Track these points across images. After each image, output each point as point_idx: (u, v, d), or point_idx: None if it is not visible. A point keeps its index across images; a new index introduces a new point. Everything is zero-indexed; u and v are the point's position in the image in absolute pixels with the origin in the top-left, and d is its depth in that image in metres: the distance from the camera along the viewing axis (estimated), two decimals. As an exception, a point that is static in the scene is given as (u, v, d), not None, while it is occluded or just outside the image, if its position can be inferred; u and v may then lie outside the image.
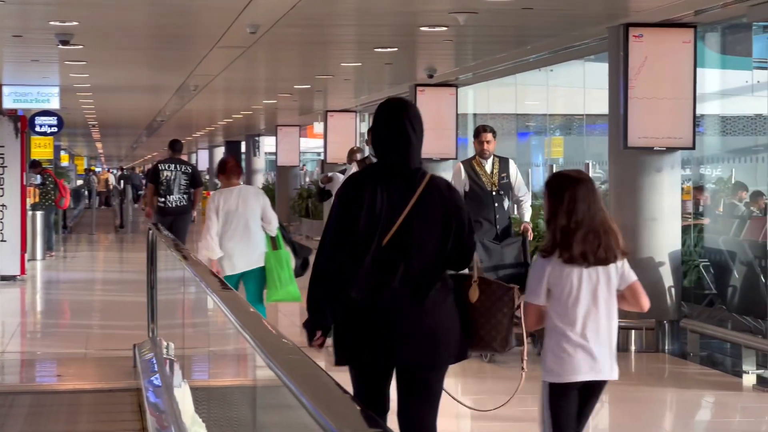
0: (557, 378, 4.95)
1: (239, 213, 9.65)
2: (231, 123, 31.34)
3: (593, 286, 4.92)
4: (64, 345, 11.52)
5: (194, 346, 10.25)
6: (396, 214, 4.80)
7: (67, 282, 17.66)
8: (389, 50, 13.25)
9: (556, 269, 4.93)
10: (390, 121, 4.93)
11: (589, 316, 4.91)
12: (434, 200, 4.83)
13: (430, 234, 4.84)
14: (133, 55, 14.26)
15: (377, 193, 4.80)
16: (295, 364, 2.94)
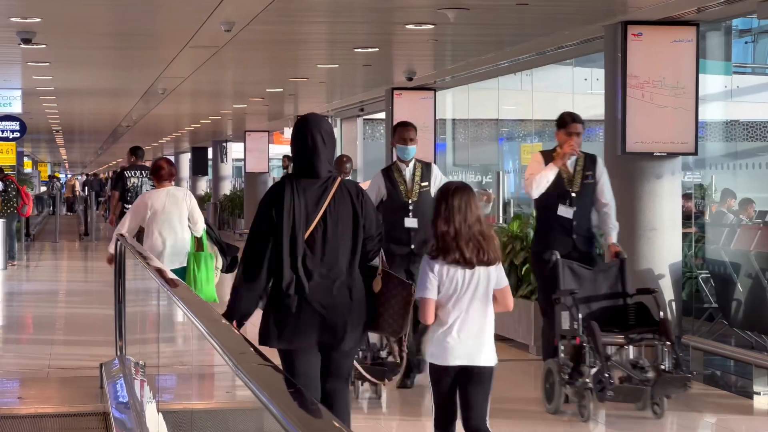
0: (437, 360, 5.67)
1: (167, 213, 10.10)
2: (198, 128, 30.63)
3: (475, 284, 5.60)
4: (25, 363, 10.83)
5: (167, 364, 9.64)
6: (313, 214, 5.53)
7: (30, 293, 16.90)
8: (369, 50, 12.63)
9: (444, 268, 5.61)
10: (304, 134, 5.60)
11: (467, 310, 5.59)
12: (345, 201, 5.57)
13: (343, 230, 5.57)
14: (99, 56, 13.55)
15: (295, 196, 5.52)
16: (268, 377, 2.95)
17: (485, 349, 5.62)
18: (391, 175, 9.04)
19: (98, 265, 22.47)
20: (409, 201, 8.98)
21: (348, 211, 5.58)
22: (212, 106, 22.67)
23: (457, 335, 5.60)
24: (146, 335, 11.16)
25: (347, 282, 5.57)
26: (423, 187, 9.00)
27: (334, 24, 11.02)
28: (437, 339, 5.64)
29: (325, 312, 5.52)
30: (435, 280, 5.60)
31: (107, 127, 31.08)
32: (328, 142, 5.60)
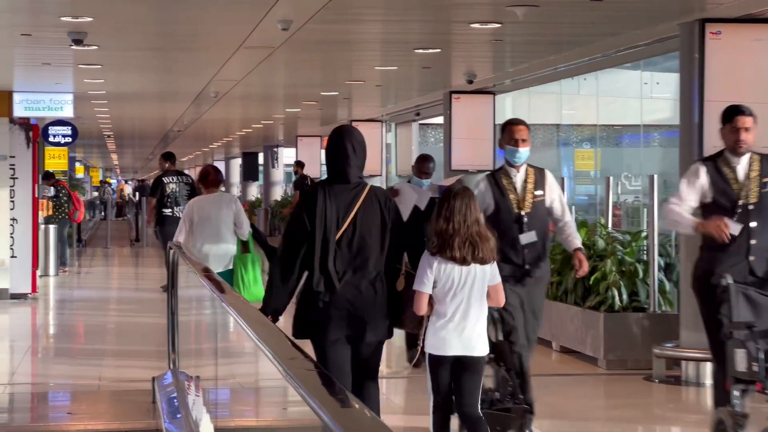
0: (434, 351, 6.17)
1: (213, 218, 10.49)
2: (249, 133, 30.29)
3: (471, 281, 6.07)
4: (76, 374, 10.49)
5: (222, 377, 9.26)
6: (343, 218, 5.98)
7: (81, 301, 16.59)
8: (430, 51, 12.17)
9: (441, 265, 6.06)
10: (337, 144, 6.11)
11: (462, 305, 6.07)
12: (374, 206, 6.01)
13: (370, 233, 6.01)
14: (150, 58, 13.18)
15: (327, 201, 5.98)
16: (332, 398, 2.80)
17: (478, 341, 6.17)
18: (500, 181, 7.55)
19: (149, 271, 22.22)
20: (522, 213, 7.49)
21: (376, 215, 6.04)
22: (264, 110, 22.29)
23: (454, 327, 6.11)
24: (200, 346, 10.79)
25: (374, 281, 6.06)
26: (537, 197, 7.54)
27: (394, 23, 10.57)
28: (435, 331, 6.15)
29: (353, 308, 6.01)
30: (431, 275, 6.08)
31: (158, 132, 30.81)
32: (359, 151, 6.09)
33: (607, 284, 10.80)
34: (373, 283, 6.04)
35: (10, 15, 10.11)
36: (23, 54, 12.69)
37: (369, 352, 6.12)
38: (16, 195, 16.51)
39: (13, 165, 16.44)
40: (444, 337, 6.12)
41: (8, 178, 16.40)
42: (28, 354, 11.94)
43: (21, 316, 15.43)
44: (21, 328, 14.70)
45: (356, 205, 5.99)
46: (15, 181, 16.49)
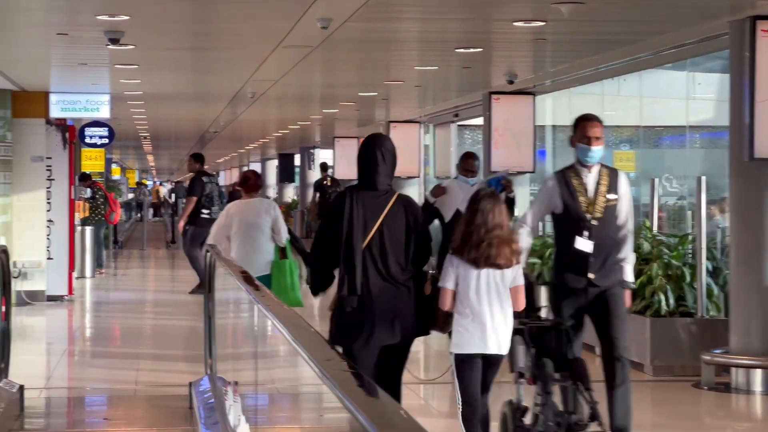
0: (458, 349, 6.34)
1: (252, 224, 10.56)
2: (286, 134, 30.14)
3: (488, 282, 6.24)
4: (113, 378, 10.35)
5: (259, 382, 9.09)
6: (371, 225, 6.13)
7: (117, 303, 16.47)
8: (472, 51, 11.95)
9: (462, 264, 6.28)
10: (367, 151, 6.28)
11: (483, 305, 6.24)
12: (400, 213, 6.17)
13: (398, 239, 6.17)
14: (187, 57, 13.03)
15: (354, 207, 6.13)
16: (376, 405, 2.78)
17: (499, 340, 6.30)
18: (569, 181, 7.01)
19: (185, 273, 22.08)
20: (589, 217, 6.93)
21: (402, 222, 6.19)
22: (301, 110, 22.12)
23: (475, 327, 6.28)
24: (238, 350, 10.63)
25: (400, 285, 6.21)
26: (609, 201, 6.98)
27: (435, 21, 10.35)
28: (458, 330, 6.34)
29: (380, 312, 6.15)
30: (453, 273, 6.30)
31: (194, 133, 30.72)
32: (388, 159, 6.26)
33: (654, 288, 10.55)
34: (400, 287, 6.22)
35: (47, 14, 9.98)
36: (60, 54, 12.56)
37: (395, 355, 6.29)
38: (53, 196, 16.41)
39: (50, 166, 16.34)
40: (465, 335, 6.33)
41: (45, 180, 16.29)
42: (64, 357, 11.82)
43: (57, 318, 15.31)
44: (57, 330, 14.58)
45: (384, 212, 6.17)
46: (51, 183, 16.40)
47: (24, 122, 16.16)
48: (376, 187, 6.22)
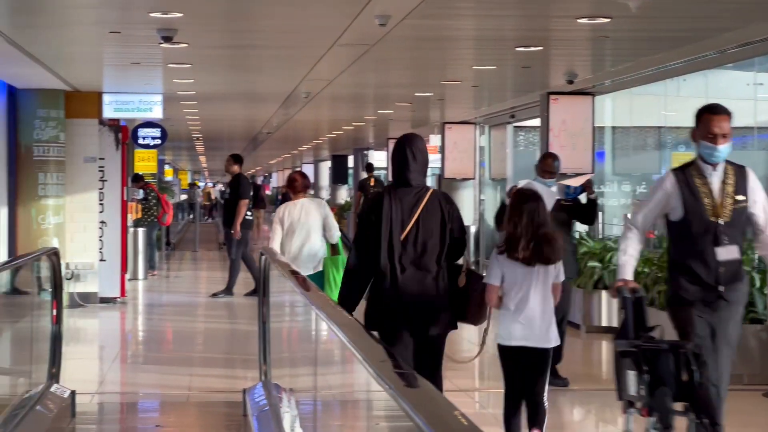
0: (501, 341, 6.68)
1: (302, 223, 10.99)
2: (340, 135, 29.92)
3: (533, 278, 6.57)
4: (165, 383, 10.14)
5: (317, 390, 8.84)
6: (408, 220, 6.44)
7: (169, 305, 16.30)
8: (532, 49, 11.63)
9: (508, 262, 6.57)
10: (400, 151, 6.59)
11: (527, 300, 6.57)
12: (435, 208, 6.47)
13: (432, 233, 6.44)
14: (240, 56, 12.79)
15: (392, 203, 6.45)
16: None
17: (544, 333, 6.61)
18: (690, 181, 6.28)
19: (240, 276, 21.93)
20: (718, 221, 6.19)
21: (437, 217, 6.48)
22: (356, 111, 21.86)
23: (519, 320, 6.60)
24: (294, 355, 10.39)
25: (435, 277, 6.47)
26: (738, 202, 6.23)
27: (495, 19, 10.04)
28: (502, 322, 6.69)
29: (416, 302, 6.42)
30: (499, 271, 6.62)
31: (246, 134, 30.59)
32: (419, 157, 6.56)
33: (721, 294, 10.17)
34: (435, 279, 6.49)
35: (100, 11, 9.78)
36: (112, 53, 12.38)
37: (431, 343, 6.53)
38: (106, 198, 16.27)
39: (102, 167, 16.20)
40: (509, 328, 6.65)
41: (97, 181, 16.16)
42: (116, 361, 11.63)
43: (110, 321, 15.16)
44: (109, 333, 14.43)
45: (419, 208, 6.49)
46: (104, 184, 16.26)
47: (77, 123, 16.03)
48: (410, 184, 6.55)
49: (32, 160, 15.52)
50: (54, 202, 15.62)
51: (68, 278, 15.78)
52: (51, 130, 15.58)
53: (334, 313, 4.80)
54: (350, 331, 4.11)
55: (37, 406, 7.86)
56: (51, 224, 15.59)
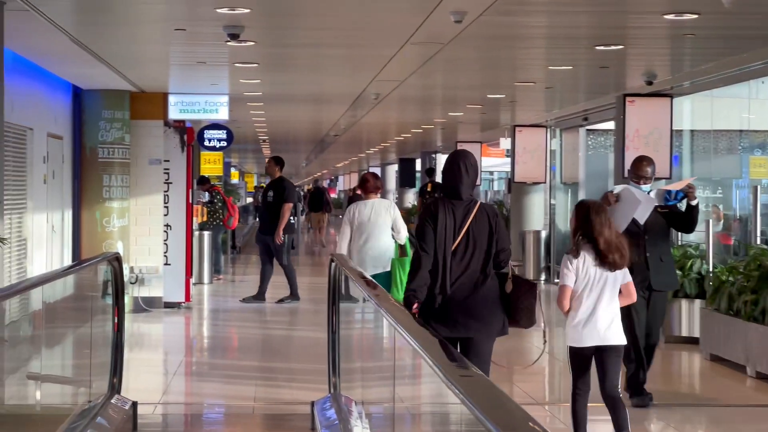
0: (574, 343, 7.06)
1: (371, 223, 11.39)
2: (408, 138, 29.50)
3: (603, 280, 6.98)
4: (230, 393, 9.80)
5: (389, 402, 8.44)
6: (459, 230, 6.82)
7: (235, 311, 15.96)
8: (612, 48, 11.15)
9: (582, 264, 6.97)
10: (452, 165, 6.98)
11: (598, 301, 6.96)
12: (483, 220, 6.84)
13: (480, 243, 6.82)
14: (309, 55, 12.39)
15: (445, 215, 6.85)
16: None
17: (614, 331, 7.07)
18: None
19: (305, 281, 21.61)
20: None
21: (485, 228, 6.86)
22: (425, 113, 21.43)
23: (589, 322, 7.02)
24: (365, 365, 10.00)
25: (483, 284, 6.87)
26: None
27: (575, 15, 9.56)
28: (574, 326, 7.07)
29: (465, 307, 6.83)
30: (572, 274, 7.04)
31: (313, 137, 30.28)
32: (470, 172, 6.95)
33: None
34: (483, 286, 6.88)
35: (165, 7, 9.46)
36: (178, 52, 12.07)
37: (480, 347, 6.89)
38: (171, 201, 16.00)
39: (167, 169, 15.92)
40: (581, 331, 7.05)
41: (162, 183, 15.88)
42: (180, 368, 11.28)
43: (174, 327, 14.88)
44: (174, 339, 14.13)
45: (469, 219, 6.87)
46: (170, 186, 15.98)
47: (142, 124, 15.78)
48: (460, 197, 6.94)
49: (97, 162, 15.28)
50: (118, 204, 15.37)
51: (132, 282, 15.53)
52: (116, 132, 15.33)
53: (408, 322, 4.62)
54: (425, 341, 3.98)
55: (98, 417, 7.53)
56: (115, 227, 15.34)
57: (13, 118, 12.21)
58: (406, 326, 4.57)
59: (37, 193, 13.33)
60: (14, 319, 9.35)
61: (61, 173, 14.70)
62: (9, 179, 12.16)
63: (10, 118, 12.06)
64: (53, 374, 8.21)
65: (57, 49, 11.71)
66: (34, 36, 10.81)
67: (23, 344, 8.73)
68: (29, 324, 8.91)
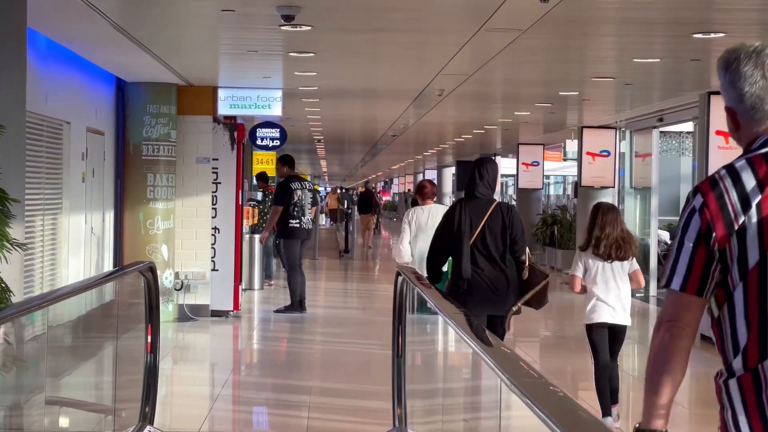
0: (588, 321, 8.38)
1: (429, 227, 11.81)
2: (468, 140, 28.31)
3: (611, 270, 8.29)
4: (280, 421, 8.71)
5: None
6: (476, 226, 8.06)
7: (285, 321, 14.85)
8: (712, 36, 9.93)
9: (590, 258, 8.30)
10: (471, 171, 8.27)
11: (606, 287, 8.27)
12: (498, 216, 8.09)
13: (496, 237, 8.07)
14: (369, 42, 11.24)
15: (463, 213, 8.09)
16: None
17: (622, 313, 8.25)
18: None
19: (360, 288, 20.57)
20: None
21: (499, 223, 8.00)
22: (489, 112, 20.22)
23: (601, 303, 8.22)
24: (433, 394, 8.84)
25: (500, 271, 7.99)
26: None
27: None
28: (588, 306, 8.29)
29: (485, 291, 7.92)
30: (582, 265, 8.29)
31: (370, 137, 29.17)
32: (485, 176, 8.10)
33: None
34: (500, 272, 8.03)
35: (210, -16, 8.38)
36: (227, 38, 10.97)
37: (497, 322, 8.00)
38: (219, 202, 14.93)
39: (216, 168, 14.86)
40: (595, 310, 8.28)
41: (210, 183, 14.82)
42: (225, 390, 10.11)
43: (221, 339, 13.81)
44: (220, 352, 13.06)
45: (485, 216, 8.03)
46: (218, 187, 14.91)
47: (189, 120, 14.73)
48: (476, 197, 8.14)
49: (141, 160, 14.24)
50: (163, 205, 14.33)
51: (177, 289, 14.50)
52: (162, 128, 14.29)
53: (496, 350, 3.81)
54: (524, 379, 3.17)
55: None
56: (160, 230, 14.30)
57: (47, 110, 11.18)
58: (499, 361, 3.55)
59: (74, 192, 12.29)
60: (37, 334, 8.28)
61: (102, 171, 13.67)
62: (41, 177, 11.13)
63: (43, 110, 11.03)
64: (76, 399, 7.14)
65: (96, 35, 10.68)
66: (69, 19, 9.78)
67: (45, 363, 7.66)
68: (50, 340, 7.84)
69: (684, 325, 3.13)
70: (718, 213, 3.10)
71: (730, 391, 3.09)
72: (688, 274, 3.13)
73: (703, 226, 3.11)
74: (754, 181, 3.10)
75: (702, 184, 3.15)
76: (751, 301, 3.07)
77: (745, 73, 3.20)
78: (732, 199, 3.10)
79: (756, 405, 3.05)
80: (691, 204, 3.15)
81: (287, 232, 15.28)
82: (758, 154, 3.16)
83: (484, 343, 4.10)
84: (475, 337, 4.13)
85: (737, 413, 3.07)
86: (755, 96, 3.20)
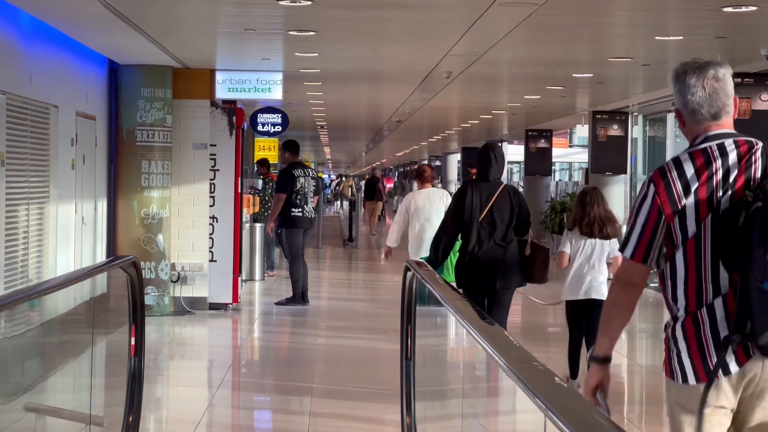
0: (566, 296, 9.07)
1: (426, 210, 12.61)
2: (474, 125, 27.63)
3: (593, 248, 8.93)
4: (280, 426, 8.07)
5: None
6: (485, 205, 8.62)
7: (287, 314, 14.20)
8: (744, 10, 9.25)
9: (576, 236, 8.97)
10: (484, 155, 8.84)
11: (586, 264, 8.91)
12: (505, 198, 8.67)
13: (503, 216, 8.64)
14: (375, 20, 10.59)
15: (474, 193, 8.67)
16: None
17: (598, 289, 8.90)
18: None
19: (365, 278, 19.98)
20: None
21: (507, 204, 8.66)
22: (498, 95, 19.54)
23: (579, 280, 8.92)
24: (445, 401, 8.19)
25: (505, 247, 8.62)
26: None
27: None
28: (567, 282, 9.02)
29: (490, 265, 8.56)
30: (568, 242, 8.98)
31: (375, 123, 28.51)
32: (500, 160, 8.81)
33: None
34: (505, 249, 8.57)
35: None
36: (224, 14, 10.28)
37: (501, 296, 8.58)
38: (217, 190, 14.28)
39: (214, 155, 14.21)
40: (573, 286, 8.93)
41: (208, 170, 14.17)
42: (222, 391, 9.45)
43: (219, 334, 13.18)
44: (218, 348, 12.44)
45: (494, 197, 8.59)
46: (216, 174, 14.26)
47: (186, 104, 14.07)
48: (488, 180, 8.71)
49: (135, 146, 13.59)
50: (159, 194, 13.68)
51: (174, 281, 13.87)
52: (156, 112, 13.63)
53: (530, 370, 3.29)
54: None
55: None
56: (155, 219, 13.66)
57: (32, 92, 10.52)
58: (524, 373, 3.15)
59: (63, 179, 11.64)
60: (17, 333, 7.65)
61: (94, 158, 13.01)
62: (26, 163, 10.48)
63: (27, 92, 10.38)
64: (55, 406, 6.49)
65: (84, 15, 10.05)
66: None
67: (25, 366, 7.03)
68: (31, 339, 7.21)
69: (632, 284, 4.13)
70: (666, 199, 3.97)
71: (676, 335, 3.96)
72: (636, 246, 4.06)
73: (654, 209, 4.00)
74: (693, 170, 3.94)
75: (654, 176, 4.00)
76: (690, 261, 3.95)
77: (689, 83, 3.99)
78: (677, 187, 3.95)
79: (696, 343, 3.91)
80: (645, 191, 4.01)
81: (289, 221, 14.64)
82: (698, 149, 3.98)
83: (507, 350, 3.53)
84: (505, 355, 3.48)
85: (681, 352, 3.94)
86: (696, 103, 4.00)
